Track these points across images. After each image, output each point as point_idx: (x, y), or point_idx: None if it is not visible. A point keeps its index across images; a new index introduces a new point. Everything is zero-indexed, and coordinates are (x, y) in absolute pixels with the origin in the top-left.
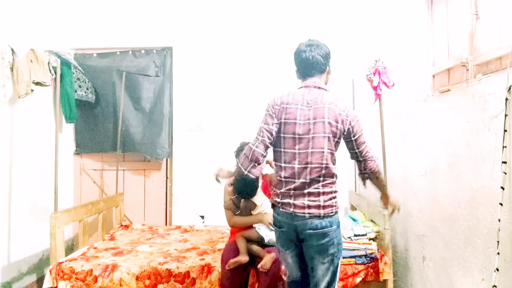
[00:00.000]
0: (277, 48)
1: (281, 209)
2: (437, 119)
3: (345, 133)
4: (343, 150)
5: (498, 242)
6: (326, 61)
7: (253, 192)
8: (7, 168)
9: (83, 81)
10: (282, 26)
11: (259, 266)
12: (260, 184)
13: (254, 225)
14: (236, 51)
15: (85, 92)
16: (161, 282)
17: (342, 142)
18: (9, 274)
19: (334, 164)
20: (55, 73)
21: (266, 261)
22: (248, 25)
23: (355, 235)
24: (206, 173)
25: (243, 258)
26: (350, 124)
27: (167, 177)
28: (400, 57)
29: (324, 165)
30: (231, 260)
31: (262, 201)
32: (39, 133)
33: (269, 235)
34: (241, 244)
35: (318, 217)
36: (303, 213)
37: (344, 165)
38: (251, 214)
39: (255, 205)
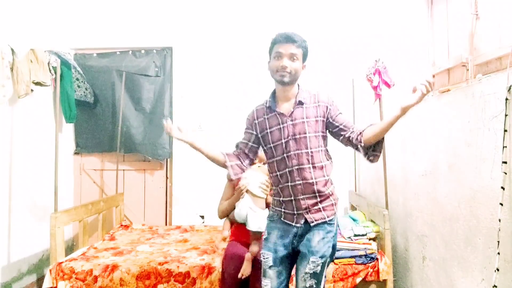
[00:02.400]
0: None
1: None
2: (437, 119)
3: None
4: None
5: (498, 242)
6: None
7: None
8: (7, 168)
9: (82, 82)
10: (282, 26)
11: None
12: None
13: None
14: (236, 51)
15: (84, 93)
16: (161, 282)
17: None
18: (9, 274)
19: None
20: (55, 73)
21: (245, 268)
22: (248, 25)
23: (355, 235)
24: (206, 173)
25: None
26: None
27: (167, 177)
28: (400, 57)
29: None
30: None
31: (246, 174)
32: (39, 133)
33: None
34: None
35: None
36: None
37: (344, 165)
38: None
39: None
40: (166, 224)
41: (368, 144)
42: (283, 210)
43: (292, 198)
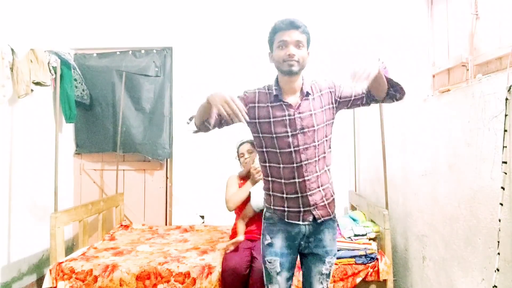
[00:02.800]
0: None
1: None
2: (437, 119)
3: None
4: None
5: (498, 242)
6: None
7: None
8: (7, 168)
9: (79, 82)
10: None
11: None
12: None
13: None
14: (236, 51)
15: (81, 93)
16: (161, 282)
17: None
18: (9, 274)
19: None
20: (55, 73)
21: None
22: (248, 25)
23: (355, 235)
24: (206, 173)
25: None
26: None
27: (167, 177)
28: (400, 57)
29: None
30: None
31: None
32: (39, 133)
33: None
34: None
35: None
36: None
37: (344, 165)
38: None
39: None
40: (166, 224)
41: (382, 93)
42: (286, 209)
43: (299, 195)
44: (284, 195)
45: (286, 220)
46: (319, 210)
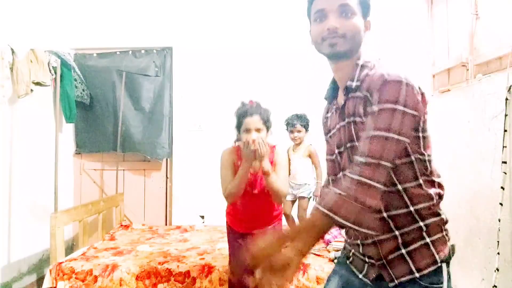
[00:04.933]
0: (277, 47)
1: None
2: (437, 119)
3: None
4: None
5: (498, 242)
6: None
7: None
8: (7, 168)
9: (80, 82)
10: (282, 26)
11: None
12: None
13: None
14: (236, 51)
15: (81, 93)
16: (161, 282)
17: None
18: (9, 274)
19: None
20: (55, 73)
21: None
22: (248, 25)
23: None
24: (206, 173)
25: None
26: None
27: (167, 177)
28: (400, 57)
29: None
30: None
31: None
32: (39, 133)
33: None
34: None
35: None
36: None
37: None
38: None
39: None
40: (166, 224)
41: None
42: (352, 251)
43: (359, 241)
44: (347, 239)
45: (349, 263)
46: (391, 264)
